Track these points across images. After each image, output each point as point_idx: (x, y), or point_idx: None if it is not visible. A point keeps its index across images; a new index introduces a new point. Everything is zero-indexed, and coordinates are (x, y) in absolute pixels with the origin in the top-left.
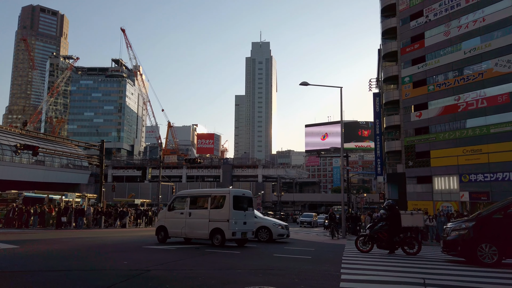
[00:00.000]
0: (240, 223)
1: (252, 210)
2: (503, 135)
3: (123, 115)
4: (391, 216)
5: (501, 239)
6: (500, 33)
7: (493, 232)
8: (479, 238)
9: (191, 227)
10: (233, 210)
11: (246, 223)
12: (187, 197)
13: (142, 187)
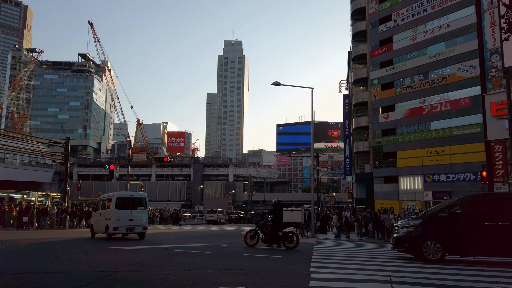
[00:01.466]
0: (124, 220)
1: (142, 208)
2: (465, 137)
3: (90, 112)
4: (274, 212)
5: (445, 236)
6: (463, 39)
7: (438, 230)
8: (424, 235)
9: (100, 225)
10: (115, 210)
11: (133, 220)
12: (101, 200)
13: (110, 186)
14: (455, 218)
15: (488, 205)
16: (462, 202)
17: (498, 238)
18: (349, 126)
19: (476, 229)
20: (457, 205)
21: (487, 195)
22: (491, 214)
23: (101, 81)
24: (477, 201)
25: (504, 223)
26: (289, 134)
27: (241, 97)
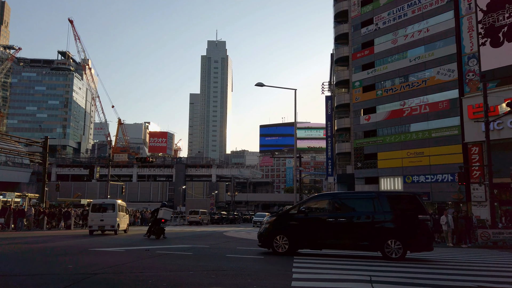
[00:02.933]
0: (96, 220)
1: (111, 212)
2: (443, 139)
3: (70, 111)
4: (154, 212)
5: (293, 231)
6: (442, 43)
7: (287, 226)
8: (275, 230)
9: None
10: (90, 212)
11: (103, 220)
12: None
13: (89, 187)
14: (302, 215)
15: (331, 203)
16: (310, 201)
17: (337, 233)
18: (331, 128)
19: (319, 225)
20: (305, 204)
21: (330, 194)
22: (332, 211)
23: (82, 79)
24: (322, 199)
25: (342, 220)
26: (272, 135)
27: (225, 97)
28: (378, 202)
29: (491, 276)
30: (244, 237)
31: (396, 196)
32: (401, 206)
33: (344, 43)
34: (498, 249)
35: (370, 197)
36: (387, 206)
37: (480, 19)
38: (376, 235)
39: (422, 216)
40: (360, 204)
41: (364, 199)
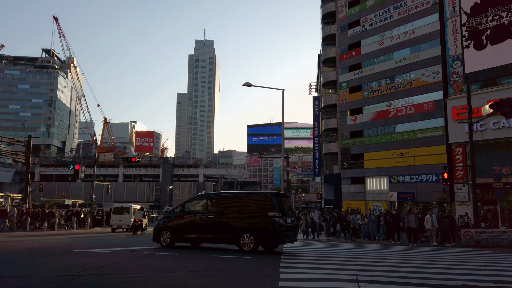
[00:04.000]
0: (116, 220)
1: (127, 214)
2: (428, 140)
3: (54, 109)
4: None
5: (174, 228)
6: (427, 45)
7: (170, 223)
8: (162, 226)
9: None
10: (112, 214)
11: (121, 220)
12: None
13: (74, 187)
14: (181, 213)
15: (205, 202)
16: (192, 200)
17: (206, 228)
18: (318, 128)
19: (192, 221)
20: (188, 203)
21: (206, 194)
22: (205, 210)
23: (66, 78)
24: (200, 199)
25: (209, 217)
26: (260, 135)
27: (212, 97)
28: (273, 201)
29: (475, 274)
30: None
31: (255, 195)
32: (259, 205)
33: (332, 44)
34: (480, 248)
35: (236, 196)
36: (276, 205)
37: (464, 22)
38: (234, 230)
39: (272, 214)
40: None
41: (231, 198)
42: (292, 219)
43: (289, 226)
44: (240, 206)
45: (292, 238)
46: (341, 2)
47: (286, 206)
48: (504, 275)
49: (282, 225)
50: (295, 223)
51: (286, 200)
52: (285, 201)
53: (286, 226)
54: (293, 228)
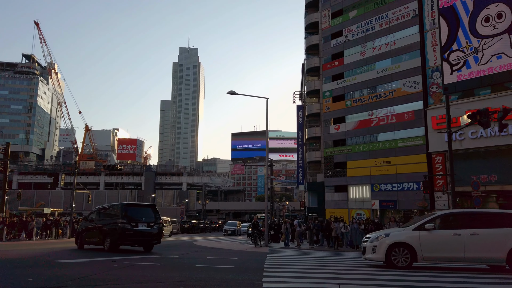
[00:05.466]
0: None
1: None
2: (409, 149)
3: (34, 116)
4: None
5: (83, 232)
6: (408, 56)
7: (84, 228)
8: (81, 231)
9: None
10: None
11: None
12: None
13: (53, 195)
14: (87, 221)
15: (96, 213)
16: (93, 211)
17: (94, 234)
18: (302, 136)
19: (90, 228)
20: (90, 213)
21: (97, 207)
22: (96, 218)
23: (47, 84)
24: (94, 211)
25: (95, 224)
26: (244, 143)
27: (196, 104)
28: (122, 211)
29: (456, 282)
30: (214, 246)
31: (115, 206)
32: (115, 214)
33: (315, 54)
34: None
35: (109, 207)
36: (123, 214)
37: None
38: (103, 234)
39: (120, 221)
40: (111, 212)
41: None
42: (149, 224)
43: (139, 231)
44: (109, 214)
45: (144, 242)
46: (324, 13)
47: (138, 214)
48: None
49: (128, 229)
50: (155, 229)
51: (141, 209)
52: (139, 210)
53: (134, 231)
54: (147, 233)
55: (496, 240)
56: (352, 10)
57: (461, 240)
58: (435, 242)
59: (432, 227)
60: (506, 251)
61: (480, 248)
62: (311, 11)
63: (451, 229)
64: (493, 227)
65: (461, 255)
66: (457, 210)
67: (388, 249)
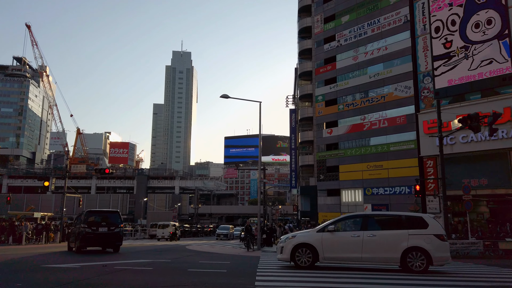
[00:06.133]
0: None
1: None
2: (400, 153)
3: (24, 119)
4: None
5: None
6: (399, 61)
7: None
8: (68, 236)
9: None
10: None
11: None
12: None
13: (44, 199)
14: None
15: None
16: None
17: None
18: (295, 140)
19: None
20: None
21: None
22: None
23: (38, 87)
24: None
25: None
26: (237, 147)
27: (189, 108)
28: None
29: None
30: (207, 251)
31: (84, 212)
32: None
33: (308, 58)
34: (451, 259)
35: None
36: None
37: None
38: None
39: (81, 225)
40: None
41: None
42: (109, 229)
43: (98, 234)
44: (80, 220)
45: (105, 244)
46: (317, 17)
47: (99, 219)
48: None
49: (89, 233)
50: (112, 231)
51: (103, 214)
52: (101, 215)
53: (94, 234)
54: (105, 236)
55: (391, 241)
56: (344, 15)
57: (359, 241)
58: (335, 243)
59: (333, 229)
60: (400, 252)
61: (376, 249)
62: (304, 16)
63: (351, 231)
64: (392, 229)
65: (358, 255)
66: (359, 213)
67: (293, 249)
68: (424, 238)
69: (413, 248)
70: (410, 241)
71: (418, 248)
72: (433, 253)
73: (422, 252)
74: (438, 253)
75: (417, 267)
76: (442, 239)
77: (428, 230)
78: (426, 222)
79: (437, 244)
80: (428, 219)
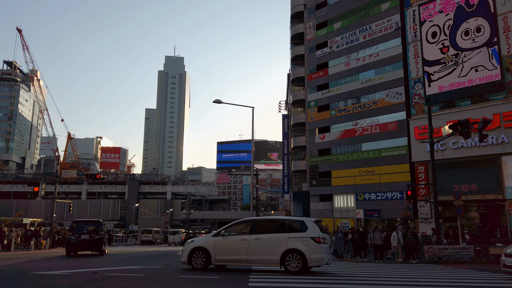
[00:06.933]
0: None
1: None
2: (392, 158)
3: (14, 124)
4: None
5: None
6: (391, 67)
7: None
8: None
9: None
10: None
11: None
12: None
13: (33, 205)
14: None
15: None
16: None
17: None
18: (287, 146)
19: None
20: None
21: None
22: None
23: (29, 91)
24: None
25: None
26: (229, 152)
27: (182, 113)
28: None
29: None
30: None
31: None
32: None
33: (300, 64)
34: (442, 264)
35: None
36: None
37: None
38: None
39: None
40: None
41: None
42: (90, 236)
43: (81, 240)
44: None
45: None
46: (309, 24)
47: (82, 228)
48: None
49: (73, 239)
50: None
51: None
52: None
53: (78, 240)
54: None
55: (273, 244)
56: (336, 21)
57: (245, 244)
58: (225, 246)
59: (225, 233)
60: (280, 254)
61: (260, 251)
62: (297, 22)
63: (241, 235)
64: (276, 232)
65: (245, 257)
66: (249, 218)
67: (190, 253)
68: (302, 241)
69: (291, 250)
70: (289, 244)
71: (295, 250)
72: (308, 255)
73: (299, 254)
74: (313, 254)
75: (294, 267)
76: (317, 241)
77: (306, 233)
78: (306, 226)
79: (313, 246)
80: (308, 222)
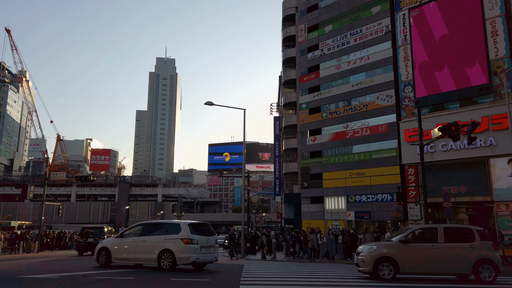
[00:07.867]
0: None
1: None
2: (382, 161)
3: (2, 125)
4: None
5: None
6: (381, 70)
7: None
8: None
9: None
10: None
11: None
12: None
13: (22, 207)
14: None
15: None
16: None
17: None
18: (279, 148)
19: None
20: None
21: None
22: None
23: (17, 92)
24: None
25: None
26: (221, 154)
27: (173, 115)
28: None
29: None
30: None
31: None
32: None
33: (292, 66)
34: None
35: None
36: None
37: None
38: None
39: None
40: None
41: None
42: (94, 239)
43: (87, 243)
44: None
45: (91, 249)
46: (301, 26)
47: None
48: None
49: (81, 242)
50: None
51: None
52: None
53: (85, 243)
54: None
55: (153, 245)
56: (327, 24)
57: (134, 245)
58: (122, 246)
59: (123, 235)
60: (157, 253)
61: (144, 251)
62: (288, 24)
63: (134, 236)
64: (159, 234)
65: (133, 256)
66: (143, 222)
67: (97, 252)
68: (174, 242)
69: (165, 250)
70: (164, 244)
71: (168, 250)
72: (177, 254)
73: (171, 253)
74: (181, 254)
75: (166, 265)
76: (186, 242)
77: (179, 235)
78: (180, 228)
79: (182, 246)
80: (183, 225)
